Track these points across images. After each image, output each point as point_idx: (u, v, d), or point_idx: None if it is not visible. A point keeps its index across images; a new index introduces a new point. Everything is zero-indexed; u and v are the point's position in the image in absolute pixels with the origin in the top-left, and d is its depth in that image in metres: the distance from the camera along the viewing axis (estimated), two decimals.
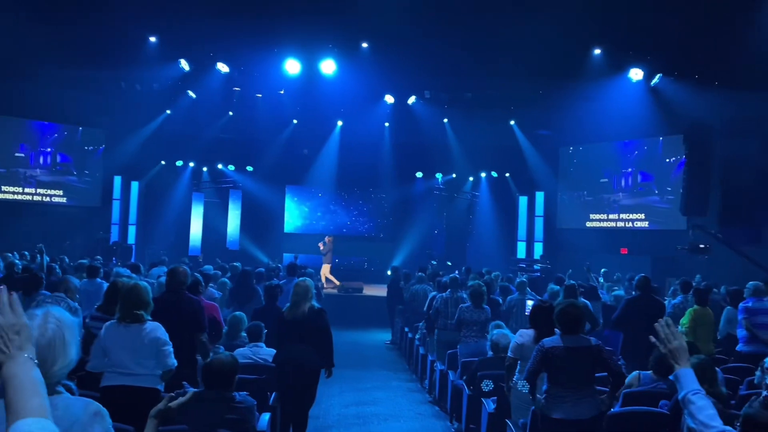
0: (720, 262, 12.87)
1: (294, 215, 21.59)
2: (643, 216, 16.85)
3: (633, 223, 17.08)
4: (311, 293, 5.70)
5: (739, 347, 7.26)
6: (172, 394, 2.48)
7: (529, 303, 8.18)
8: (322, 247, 17.63)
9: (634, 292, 7.54)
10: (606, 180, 17.87)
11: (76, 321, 1.96)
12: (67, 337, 1.89)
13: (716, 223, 15.02)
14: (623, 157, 17.55)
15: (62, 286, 5.99)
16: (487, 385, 4.65)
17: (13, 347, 1.55)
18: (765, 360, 4.35)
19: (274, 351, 5.71)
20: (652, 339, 2.76)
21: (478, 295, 7.58)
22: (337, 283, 16.96)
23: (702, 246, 12.80)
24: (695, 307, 7.37)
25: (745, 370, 6.26)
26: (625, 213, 17.35)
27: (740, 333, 7.36)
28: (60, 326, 1.89)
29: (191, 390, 4.02)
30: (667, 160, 16.39)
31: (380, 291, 14.87)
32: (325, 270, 17.19)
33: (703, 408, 2.52)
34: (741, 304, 7.57)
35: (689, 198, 15.35)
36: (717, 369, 5.10)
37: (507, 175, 20.05)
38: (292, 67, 14.47)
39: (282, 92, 15.98)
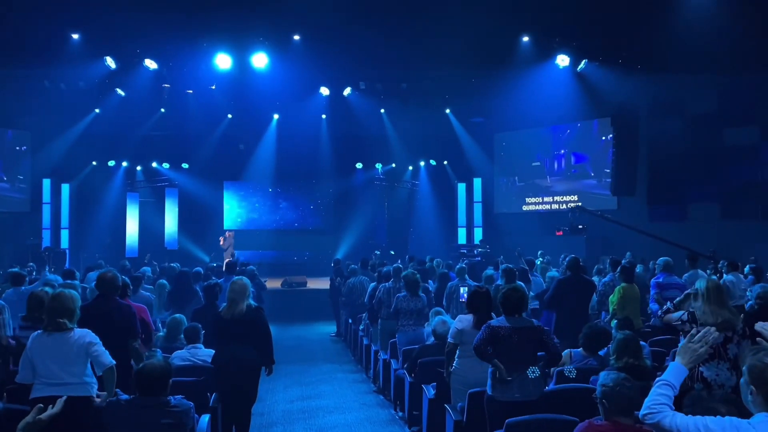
0: (650, 239, 13.42)
1: (233, 211, 21.33)
2: (576, 197, 17.39)
3: (567, 205, 17.59)
4: (248, 291, 5.65)
5: (653, 321, 7.61)
6: (40, 405, 2.43)
7: (462, 290, 8.35)
8: (222, 242, 17.58)
9: (567, 272, 7.78)
10: (539, 164, 18.36)
11: None
12: None
13: (644, 201, 15.66)
14: (555, 141, 18.06)
15: None
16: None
17: None
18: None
19: (213, 352, 5.65)
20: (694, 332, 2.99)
21: (412, 283, 7.67)
22: None
23: (580, 226, 13.78)
24: (623, 284, 7.68)
25: (670, 341, 6.57)
26: (559, 195, 17.86)
27: (653, 307, 7.69)
28: None
29: (124, 397, 3.97)
30: (596, 143, 16.94)
31: (324, 284, 14.87)
32: None
33: (657, 394, 2.69)
34: (653, 280, 7.96)
35: (618, 178, 15.96)
36: (643, 343, 5.36)
37: (445, 162, 20.34)
38: (223, 61, 14.22)
39: (213, 87, 15.68)
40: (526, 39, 13.84)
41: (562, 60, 14.37)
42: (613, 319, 7.62)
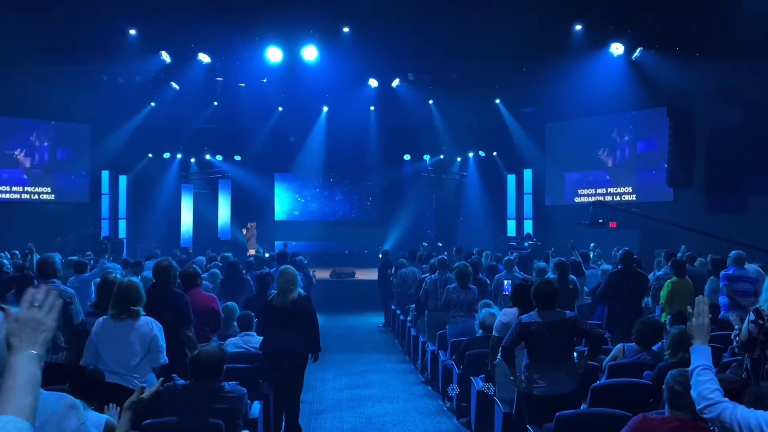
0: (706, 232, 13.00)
1: (284, 203, 21.62)
2: (630, 189, 16.97)
3: (621, 197, 17.19)
4: (297, 280, 5.77)
5: (721, 315, 7.38)
6: (143, 386, 2.54)
7: (507, 282, 8.27)
8: (245, 233, 17.90)
9: (620, 265, 7.62)
10: (591, 154, 17.95)
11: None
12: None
13: (702, 193, 15.16)
14: (608, 131, 17.62)
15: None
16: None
17: (27, 341, 1.61)
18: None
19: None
20: (690, 309, 2.87)
21: (463, 275, 7.65)
22: None
23: (600, 221, 13.49)
24: (673, 278, 7.48)
25: (727, 337, 6.36)
26: (613, 187, 17.46)
27: (722, 300, 7.48)
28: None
29: (180, 382, 4.10)
30: (651, 133, 16.47)
31: (372, 275, 14.95)
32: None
33: (702, 382, 2.62)
34: (722, 272, 7.70)
35: (674, 170, 15.48)
36: None
37: (495, 153, 20.11)
38: (274, 54, 14.41)
39: (265, 80, 15.93)
40: (578, 27, 13.56)
41: (617, 48, 14.02)
42: (663, 313, 7.45)
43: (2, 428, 1.46)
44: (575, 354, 4.74)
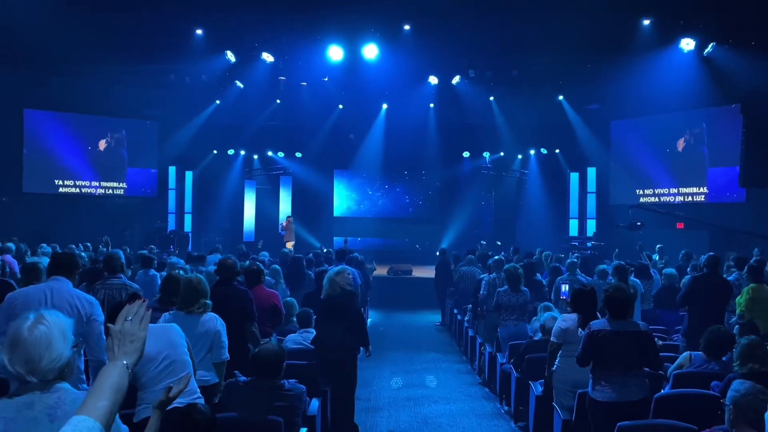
0: None
1: (343, 199, 21.82)
2: (700, 189, 16.34)
3: (690, 198, 16.57)
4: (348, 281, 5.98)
5: None
6: (171, 385, 2.60)
7: (564, 287, 8.09)
8: (284, 225, 18.23)
9: (704, 270, 7.31)
10: (660, 153, 17.33)
11: (68, 322, 2.14)
12: (53, 336, 2.05)
13: None
14: (676, 129, 16.97)
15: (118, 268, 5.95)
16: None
17: (120, 352, 1.76)
18: None
19: None
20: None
21: (514, 278, 7.46)
22: None
23: (639, 223, 13.04)
24: (752, 284, 7.15)
25: None
26: (682, 187, 16.84)
27: None
28: (49, 327, 2.06)
29: (242, 379, 4.21)
30: (723, 131, 15.78)
31: (429, 273, 14.94)
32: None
33: None
34: None
35: (748, 169, 14.79)
36: None
37: (557, 151, 19.70)
38: (335, 53, 14.55)
39: (326, 79, 16.11)
40: (647, 22, 13.13)
41: (687, 44, 13.50)
42: (740, 321, 7.13)
43: (75, 426, 1.56)
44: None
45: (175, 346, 3.74)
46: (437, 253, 14.14)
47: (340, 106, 18.44)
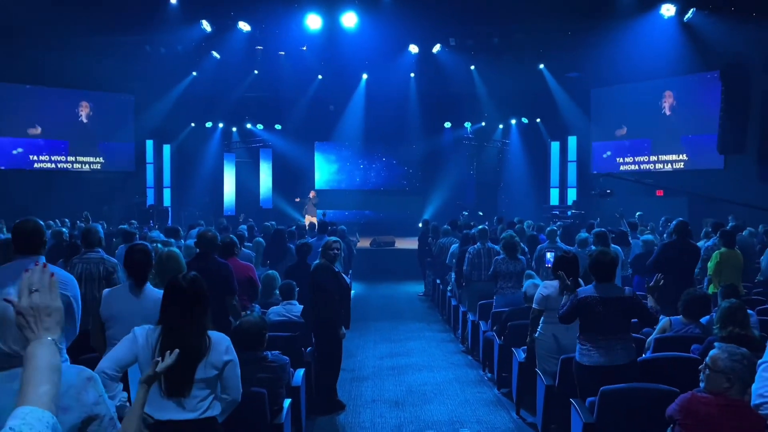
0: (758, 202, 12.54)
1: (324, 171, 21.66)
2: (678, 156, 16.44)
3: (669, 165, 16.68)
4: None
5: None
6: (158, 359, 2.55)
7: (549, 254, 8.13)
8: (311, 197, 17.52)
9: (673, 236, 7.36)
10: (640, 121, 17.38)
11: None
12: None
13: (755, 160, 14.61)
14: (657, 96, 17.01)
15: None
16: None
17: (41, 329, 1.55)
18: None
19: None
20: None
21: (511, 246, 7.56)
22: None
23: (608, 191, 13.35)
24: (722, 249, 7.23)
25: None
26: (662, 154, 16.93)
27: None
28: None
29: None
30: (703, 98, 15.83)
31: (412, 244, 14.96)
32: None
33: (759, 379, 2.52)
34: None
35: (726, 136, 14.92)
36: (750, 311, 5.04)
37: (538, 120, 19.67)
38: (314, 22, 14.30)
39: (305, 48, 15.84)
40: None
41: (667, 10, 13.45)
42: (710, 285, 7.23)
43: (23, 420, 1.39)
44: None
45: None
46: (420, 224, 14.13)
47: (320, 77, 18.18)
